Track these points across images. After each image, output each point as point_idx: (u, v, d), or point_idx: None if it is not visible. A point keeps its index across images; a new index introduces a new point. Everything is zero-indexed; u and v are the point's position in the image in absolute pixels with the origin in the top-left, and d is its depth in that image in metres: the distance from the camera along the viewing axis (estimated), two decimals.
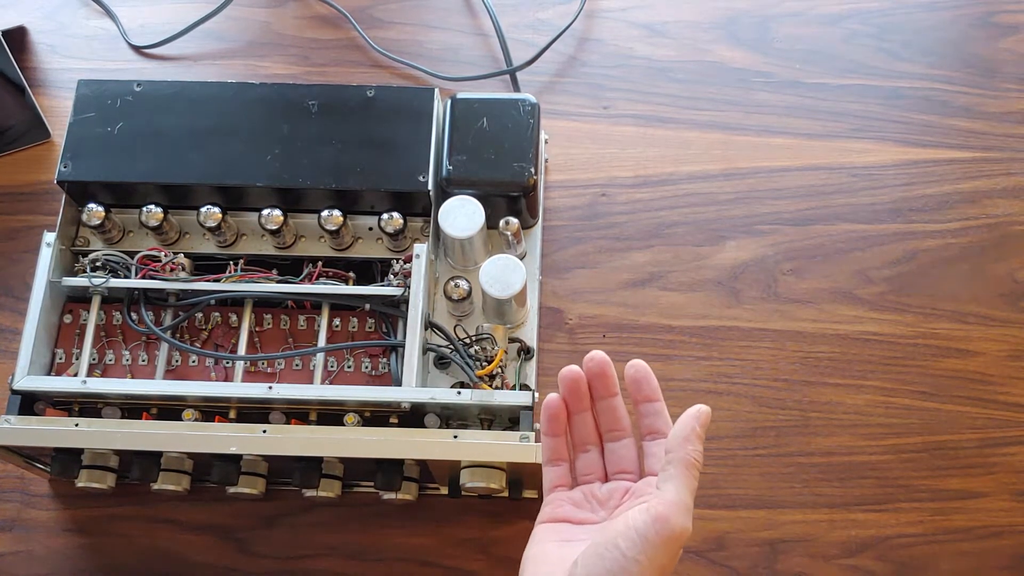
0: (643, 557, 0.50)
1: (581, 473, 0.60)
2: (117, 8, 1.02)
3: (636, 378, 0.58)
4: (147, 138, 0.81)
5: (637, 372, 0.58)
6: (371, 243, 0.82)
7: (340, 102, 0.82)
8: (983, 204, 0.92)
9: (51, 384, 0.76)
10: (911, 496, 0.81)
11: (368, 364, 0.79)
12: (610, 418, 0.60)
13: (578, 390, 0.59)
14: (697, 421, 0.54)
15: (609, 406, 0.59)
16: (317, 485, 0.74)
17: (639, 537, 0.51)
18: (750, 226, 0.91)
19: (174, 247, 0.82)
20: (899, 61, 0.98)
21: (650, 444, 0.58)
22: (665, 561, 0.51)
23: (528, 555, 0.57)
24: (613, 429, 0.60)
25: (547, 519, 0.58)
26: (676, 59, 0.98)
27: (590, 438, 0.60)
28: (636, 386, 0.58)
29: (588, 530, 0.57)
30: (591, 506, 0.58)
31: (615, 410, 0.60)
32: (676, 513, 0.51)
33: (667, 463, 0.53)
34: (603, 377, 0.59)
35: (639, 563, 0.50)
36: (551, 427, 0.59)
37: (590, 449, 0.60)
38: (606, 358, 0.58)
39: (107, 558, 0.80)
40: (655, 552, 0.50)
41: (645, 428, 0.59)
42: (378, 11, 1.02)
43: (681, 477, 0.52)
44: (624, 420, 0.60)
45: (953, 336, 0.87)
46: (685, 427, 0.54)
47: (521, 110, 0.83)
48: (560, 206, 0.92)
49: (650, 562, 0.50)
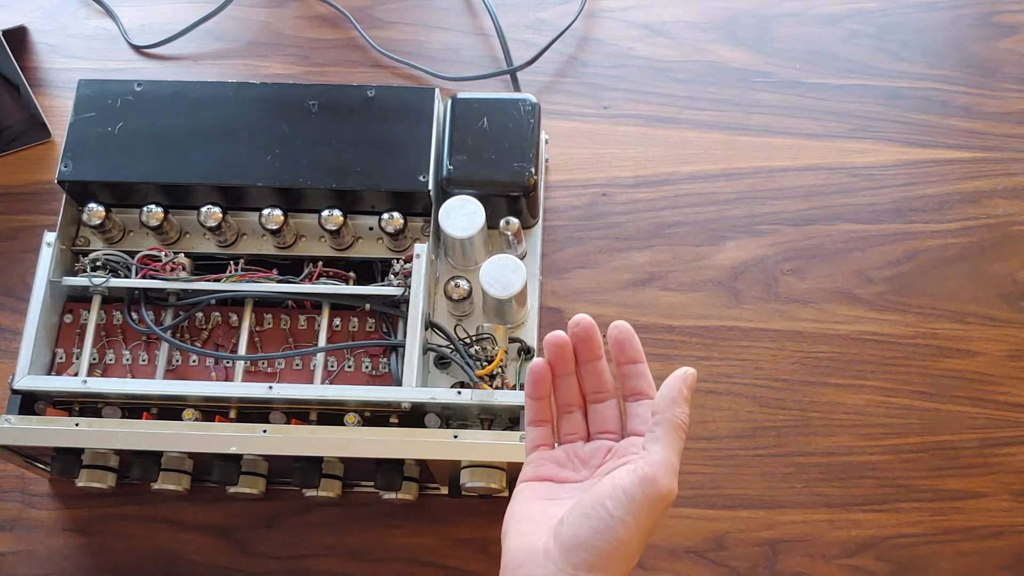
0: (630, 517, 0.51)
1: (564, 433, 0.60)
2: (117, 8, 1.02)
3: (620, 340, 0.58)
4: (147, 138, 0.81)
5: (621, 334, 0.58)
6: (371, 243, 0.82)
7: (340, 102, 0.82)
8: (983, 204, 0.92)
9: (51, 384, 0.76)
10: (911, 496, 0.81)
11: (368, 364, 0.79)
12: (594, 380, 0.59)
13: (563, 355, 0.58)
14: (684, 383, 0.54)
15: (594, 369, 0.59)
16: (317, 485, 0.74)
17: (626, 497, 0.51)
18: (750, 226, 0.91)
19: (174, 247, 0.82)
20: (899, 61, 0.98)
21: (633, 405, 0.58)
22: (651, 522, 0.51)
23: (511, 513, 0.56)
24: (597, 391, 0.59)
25: (529, 478, 0.58)
26: (676, 59, 0.98)
27: (574, 400, 0.60)
28: (619, 348, 0.58)
29: (571, 488, 0.57)
30: (573, 465, 0.58)
31: (600, 372, 0.59)
32: (663, 473, 0.51)
33: (654, 424, 0.53)
34: (588, 341, 0.58)
35: (625, 523, 0.51)
36: (535, 390, 0.59)
37: (574, 410, 0.60)
38: (591, 322, 0.58)
39: (107, 558, 0.80)
40: (642, 512, 0.51)
41: (628, 389, 0.58)
42: (378, 11, 1.02)
43: (668, 438, 0.53)
44: (608, 382, 0.59)
45: (953, 336, 0.87)
46: (672, 389, 0.54)
47: (521, 110, 0.83)
48: (560, 206, 0.92)
49: (636, 522, 0.51)
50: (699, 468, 0.82)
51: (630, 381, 0.58)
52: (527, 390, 0.59)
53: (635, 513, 0.51)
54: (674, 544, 0.80)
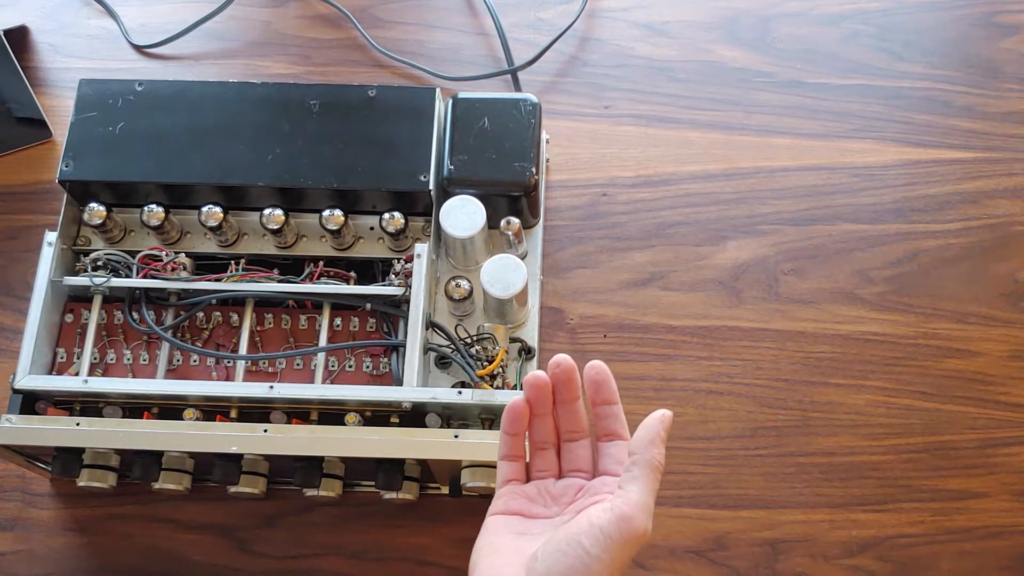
0: (605, 555, 0.52)
1: (536, 469, 0.61)
2: (118, 8, 1.02)
3: (596, 380, 0.58)
4: (148, 138, 0.81)
5: (597, 375, 0.58)
6: (372, 243, 0.82)
7: (341, 102, 0.82)
8: (984, 204, 0.92)
9: (52, 383, 0.76)
10: (912, 496, 0.81)
11: (369, 364, 0.79)
12: (570, 420, 0.60)
13: (543, 395, 0.59)
14: (662, 425, 0.55)
15: (570, 409, 0.60)
16: (318, 485, 0.74)
17: (603, 535, 0.52)
18: (751, 226, 0.91)
19: (175, 247, 0.82)
20: (900, 61, 0.98)
21: (606, 445, 0.59)
22: (623, 560, 0.52)
23: (481, 545, 0.57)
24: (572, 430, 0.60)
25: (500, 511, 0.59)
26: (677, 59, 0.98)
27: (549, 438, 0.60)
28: (595, 388, 0.58)
29: (541, 524, 0.57)
30: (544, 501, 0.59)
31: (576, 412, 0.60)
32: (640, 513, 0.53)
33: (632, 464, 0.54)
34: (568, 383, 0.59)
35: (601, 560, 0.52)
36: (512, 426, 0.59)
37: (547, 448, 0.61)
38: (573, 365, 0.59)
39: (108, 557, 0.80)
40: (617, 550, 0.52)
41: (602, 430, 0.59)
42: (379, 11, 1.02)
43: (645, 479, 0.54)
44: (583, 422, 0.60)
45: (954, 336, 0.87)
46: (650, 431, 0.55)
47: (522, 110, 0.83)
48: (561, 206, 0.92)
49: (611, 560, 0.52)
50: (700, 468, 0.82)
51: (604, 422, 0.59)
52: (503, 426, 0.59)
53: (611, 551, 0.52)
54: (674, 544, 0.80)
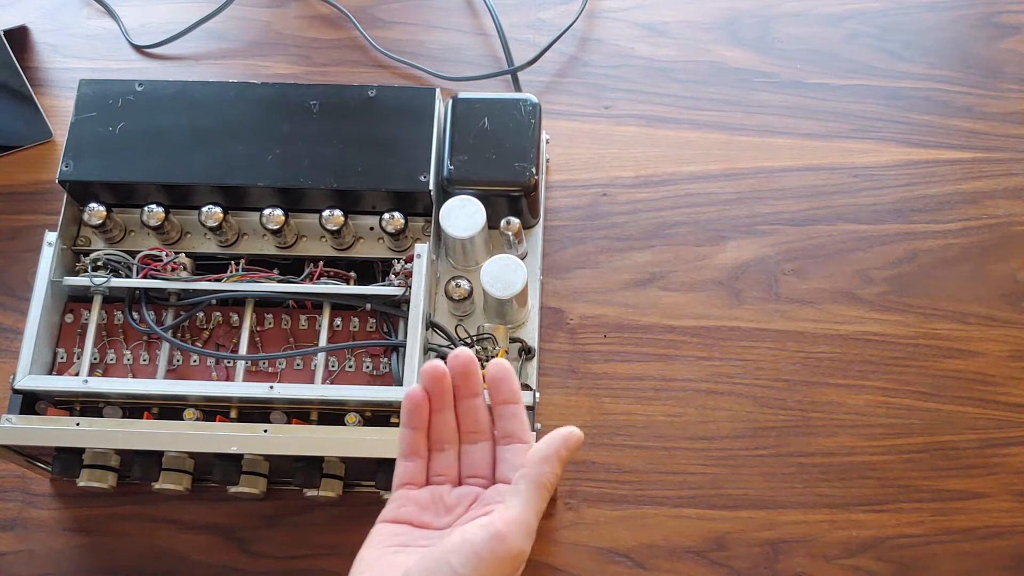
0: (475, 575, 0.49)
1: (434, 473, 0.58)
2: (119, 8, 1.02)
3: (496, 378, 0.55)
4: (148, 138, 0.81)
5: (498, 372, 0.55)
6: (372, 243, 0.82)
7: (341, 102, 0.82)
8: (984, 204, 0.92)
9: (52, 383, 0.76)
10: (912, 496, 0.81)
11: (369, 364, 0.79)
12: (471, 419, 0.57)
13: (441, 387, 0.56)
14: (564, 443, 0.52)
15: (471, 406, 0.57)
16: (318, 485, 0.74)
17: (473, 553, 0.49)
18: (751, 226, 0.91)
19: (175, 247, 0.82)
20: (900, 61, 0.98)
21: (503, 449, 0.56)
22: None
23: (358, 559, 0.54)
24: (472, 431, 0.57)
25: (388, 518, 0.56)
26: (677, 59, 0.98)
27: (449, 437, 0.58)
28: (495, 387, 0.56)
29: (427, 536, 0.55)
30: (436, 510, 0.56)
31: (476, 411, 0.57)
32: (515, 533, 0.50)
33: (519, 478, 0.52)
34: (466, 376, 0.56)
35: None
36: (411, 418, 0.57)
37: (446, 448, 0.57)
38: (472, 357, 0.56)
39: (108, 558, 0.80)
40: (488, 570, 0.49)
41: (500, 431, 0.56)
42: (379, 11, 1.02)
43: (528, 495, 0.51)
44: (484, 422, 0.57)
45: (954, 336, 0.87)
46: (548, 447, 0.52)
47: (522, 110, 0.83)
48: (561, 206, 0.92)
49: None
50: (700, 468, 0.82)
51: (502, 422, 0.56)
52: (402, 418, 0.57)
53: (480, 571, 0.49)
54: (674, 544, 0.80)
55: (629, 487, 0.81)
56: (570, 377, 0.85)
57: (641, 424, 0.83)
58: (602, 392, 0.84)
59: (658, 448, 0.83)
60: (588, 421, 0.83)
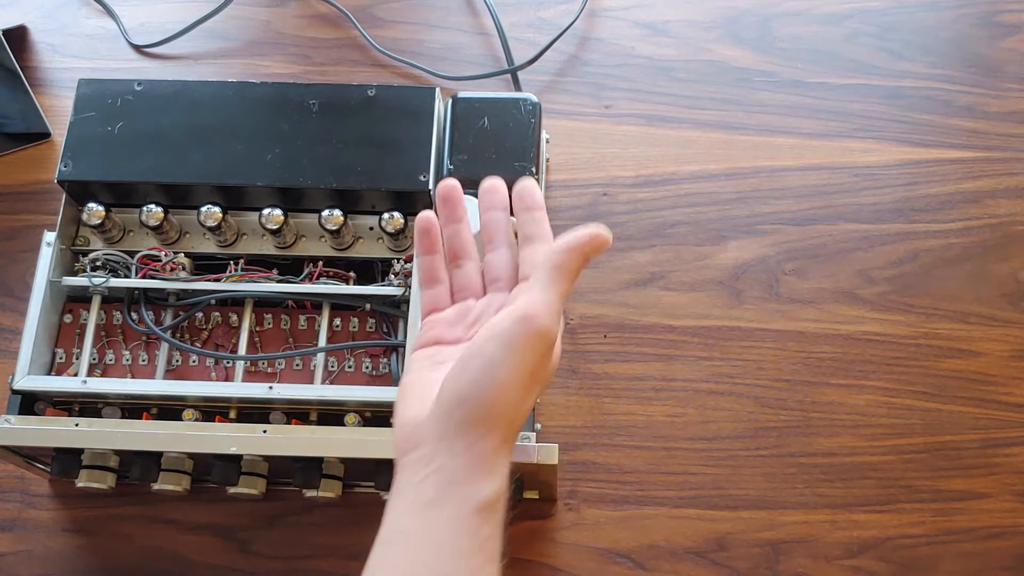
0: (509, 358, 0.47)
1: (456, 290, 0.56)
2: (118, 7, 1.02)
3: (521, 192, 0.54)
4: (147, 137, 0.80)
5: (523, 188, 0.54)
6: (372, 243, 0.82)
7: (341, 101, 0.82)
8: (986, 204, 0.91)
9: (51, 384, 0.75)
10: (913, 497, 0.81)
11: (369, 364, 0.79)
12: (490, 230, 0.55)
13: (452, 198, 0.55)
14: (591, 241, 0.50)
15: (490, 218, 0.56)
16: (318, 485, 0.74)
17: (504, 337, 0.48)
18: (752, 226, 0.90)
19: (174, 247, 0.82)
20: (901, 60, 0.98)
21: (526, 251, 0.54)
22: (531, 363, 0.48)
23: (401, 387, 0.53)
24: (491, 240, 0.56)
25: (421, 344, 0.54)
26: (678, 58, 0.98)
27: (465, 249, 0.56)
28: (519, 196, 0.54)
29: (459, 349, 0.53)
30: (464, 324, 0.55)
31: (495, 222, 0.55)
32: (541, 312, 0.48)
33: (541, 264, 0.50)
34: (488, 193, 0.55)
35: (504, 365, 0.47)
36: (423, 243, 0.55)
37: (464, 264, 0.56)
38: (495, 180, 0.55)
39: (107, 558, 0.80)
40: (520, 351, 0.47)
41: (523, 236, 0.55)
42: (379, 10, 1.02)
43: (549, 278, 0.49)
44: (502, 232, 0.55)
45: (955, 336, 0.86)
46: (571, 240, 0.50)
47: (522, 109, 0.83)
48: (561, 206, 0.91)
49: (515, 363, 0.47)
50: (700, 468, 0.82)
51: (525, 228, 0.54)
52: (416, 246, 0.55)
53: (514, 353, 0.47)
54: (675, 545, 0.80)
55: (630, 487, 0.81)
56: (570, 377, 0.85)
57: (641, 424, 0.83)
58: (602, 392, 0.84)
59: (659, 448, 0.82)
60: (588, 421, 0.83)
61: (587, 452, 0.82)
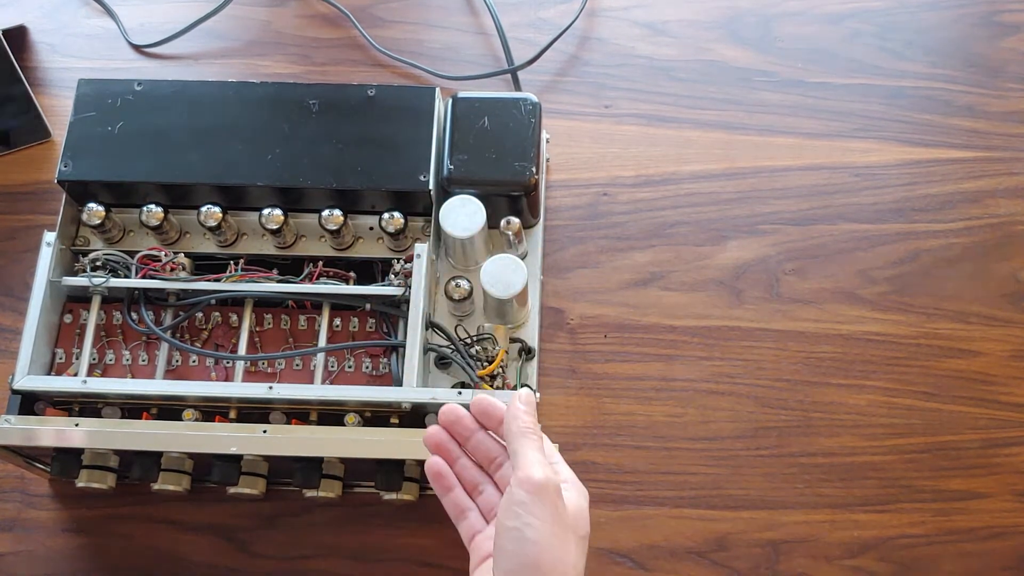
0: (530, 518, 0.53)
1: (486, 511, 0.61)
2: (117, 7, 1.02)
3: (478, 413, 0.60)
4: (147, 137, 0.80)
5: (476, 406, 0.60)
6: (372, 243, 0.82)
7: (341, 101, 0.82)
8: (986, 204, 0.91)
9: (51, 384, 0.75)
10: (913, 497, 0.81)
11: (369, 364, 0.79)
12: (484, 450, 0.61)
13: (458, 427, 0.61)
14: (519, 400, 0.58)
15: (477, 440, 0.61)
16: (318, 485, 0.74)
17: (516, 505, 0.53)
18: (752, 226, 0.90)
19: (174, 247, 0.82)
20: (901, 60, 0.98)
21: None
22: (552, 514, 0.54)
23: None
24: (490, 459, 0.61)
25: (478, 562, 0.59)
26: (678, 58, 0.98)
27: (478, 478, 0.61)
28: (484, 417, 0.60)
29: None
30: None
31: (484, 441, 0.61)
32: (534, 469, 0.54)
33: (508, 444, 0.57)
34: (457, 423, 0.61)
35: (531, 525, 0.53)
36: (439, 487, 0.61)
37: (483, 489, 0.61)
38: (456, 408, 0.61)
39: (107, 558, 0.80)
40: (538, 509, 0.53)
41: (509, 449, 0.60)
42: (379, 10, 1.02)
43: (522, 444, 0.56)
44: (496, 449, 0.61)
45: (955, 336, 0.86)
46: (509, 411, 0.58)
47: (522, 109, 0.82)
48: (561, 206, 0.91)
49: (539, 520, 0.53)
50: (701, 468, 0.82)
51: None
52: (435, 489, 0.61)
53: (533, 513, 0.53)
54: (676, 545, 0.79)
55: (630, 487, 0.81)
56: (570, 377, 0.85)
57: (642, 424, 0.83)
58: (602, 392, 0.84)
59: (659, 448, 0.82)
60: (588, 421, 0.83)
61: (587, 452, 0.82)
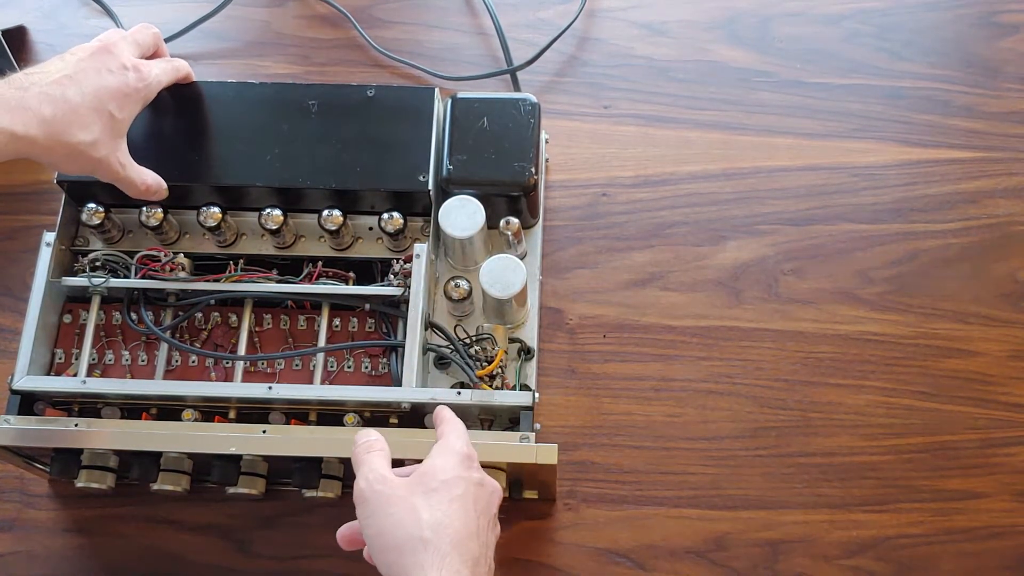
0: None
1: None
2: (117, 7, 1.02)
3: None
4: (147, 138, 0.80)
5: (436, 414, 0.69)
6: (371, 243, 0.82)
7: (340, 102, 0.82)
8: (984, 204, 0.91)
9: (51, 384, 0.75)
10: (912, 497, 0.81)
11: (368, 364, 0.79)
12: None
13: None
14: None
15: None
16: (317, 485, 0.74)
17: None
18: (751, 226, 0.91)
19: (174, 247, 0.82)
20: (900, 61, 0.98)
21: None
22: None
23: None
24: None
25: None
26: (677, 59, 0.98)
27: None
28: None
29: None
30: None
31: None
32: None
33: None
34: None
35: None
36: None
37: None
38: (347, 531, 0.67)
39: (107, 558, 0.80)
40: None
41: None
42: (378, 10, 1.02)
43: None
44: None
45: (954, 336, 0.86)
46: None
47: (522, 110, 0.83)
48: (561, 206, 0.91)
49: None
50: (699, 468, 0.82)
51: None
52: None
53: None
54: (674, 545, 0.80)
55: (629, 487, 0.81)
56: (569, 377, 0.85)
57: (641, 424, 0.83)
58: (601, 392, 0.84)
59: (658, 448, 0.82)
60: (587, 421, 0.83)
61: (586, 452, 0.82)
